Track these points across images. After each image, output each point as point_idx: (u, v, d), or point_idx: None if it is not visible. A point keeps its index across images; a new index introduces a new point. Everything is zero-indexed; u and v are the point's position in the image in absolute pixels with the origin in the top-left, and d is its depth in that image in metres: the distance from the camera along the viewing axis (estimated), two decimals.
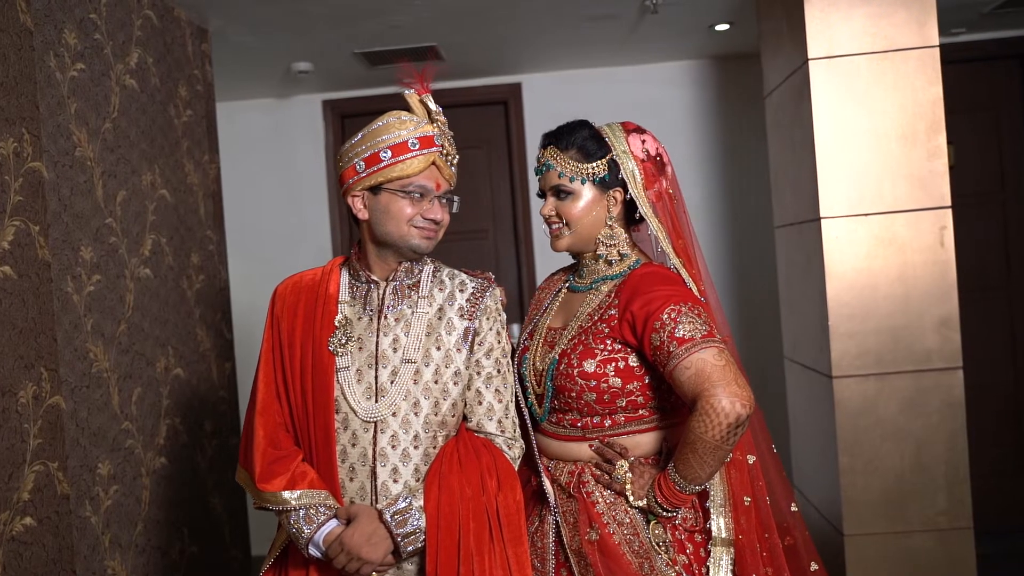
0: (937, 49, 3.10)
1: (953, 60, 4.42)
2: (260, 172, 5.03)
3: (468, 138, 4.99)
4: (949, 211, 3.10)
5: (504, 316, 2.06)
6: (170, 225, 3.21)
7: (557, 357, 2.00)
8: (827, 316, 3.12)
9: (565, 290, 2.17)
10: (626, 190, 2.03)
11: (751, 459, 2.01)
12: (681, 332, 1.86)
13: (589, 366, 1.95)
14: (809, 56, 3.13)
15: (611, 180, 2.03)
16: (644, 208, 2.02)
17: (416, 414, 1.92)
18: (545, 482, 2.04)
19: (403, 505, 1.85)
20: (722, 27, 4.22)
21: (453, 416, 1.96)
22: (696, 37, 4.40)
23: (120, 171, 2.87)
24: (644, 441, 2.01)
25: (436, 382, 1.94)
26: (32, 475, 2.29)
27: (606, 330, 1.97)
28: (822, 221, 3.12)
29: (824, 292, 3.13)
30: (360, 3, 3.53)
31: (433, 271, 2.03)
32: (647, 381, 1.96)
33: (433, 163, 1.92)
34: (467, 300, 2.00)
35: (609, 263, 2.06)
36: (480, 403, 1.98)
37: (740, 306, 4.87)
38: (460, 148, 2.02)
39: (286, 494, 1.89)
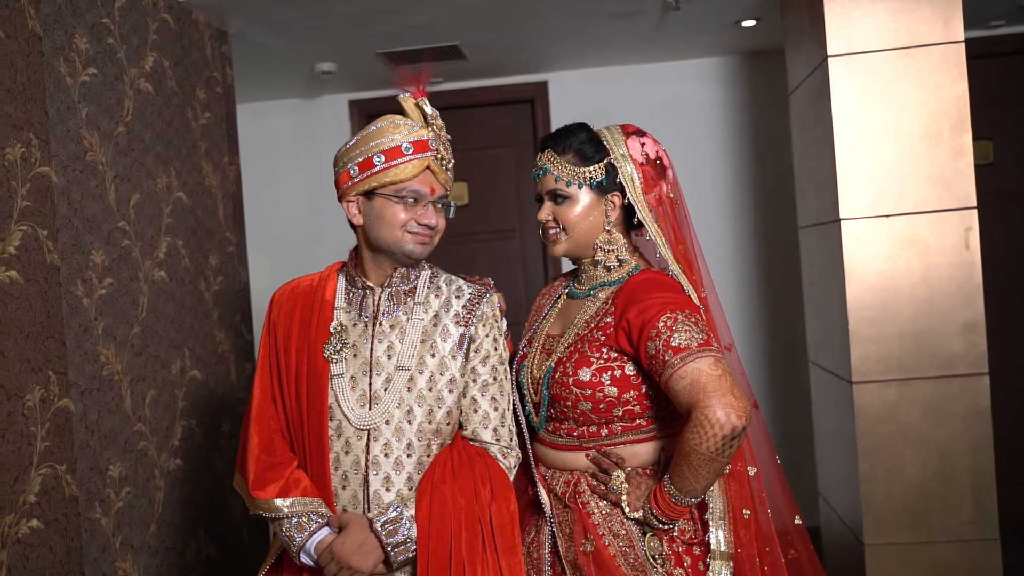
0: (963, 45, 3.00)
1: (992, 54, 4.30)
2: (286, 172, 5.05)
3: (495, 137, 4.96)
4: (975, 212, 3.00)
5: (503, 322, 2.03)
6: (187, 227, 3.23)
7: (553, 365, 1.97)
8: (847, 319, 3.04)
9: (564, 296, 2.14)
10: (624, 194, 1.98)
11: (752, 471, 1.96)
12: (677, 341, 1.81)
13: (585, 375, 1.92)
14: (829, 53, 3.05)
15: (609, 184, 1.99)
16: (642, 213, 1.97)
17: (410, 422, 1.89)
18: (541, 492, 2.01)
19: (394, 514, 1.83)
20: (749, 23, 4.14)
21: (448, 424, 1.93)
22: (723, 33, 4.33)
23: (134, 174, 2.89)
24: (642, 451, 1.96)
25: (430, 390, 1.91)
26: (39, 478, 2.31)
27: (602, 338, 1.93)
28: (842, 222, 3.04)
29: (844, 295, 3.05)
30: (380, 3, 3.51)
31: (430, 277, 2.01)
32: (644, 390, 1.92)
33: (428, 167, 1.89)
34: (463, 306, 1.97)
35: (608, 269, 2.02)
36: (475, 411, 1.95)
37: (767, 308, 4.79)
38: (487, 147, 2.00)
39: (278, 501, 1.89)
